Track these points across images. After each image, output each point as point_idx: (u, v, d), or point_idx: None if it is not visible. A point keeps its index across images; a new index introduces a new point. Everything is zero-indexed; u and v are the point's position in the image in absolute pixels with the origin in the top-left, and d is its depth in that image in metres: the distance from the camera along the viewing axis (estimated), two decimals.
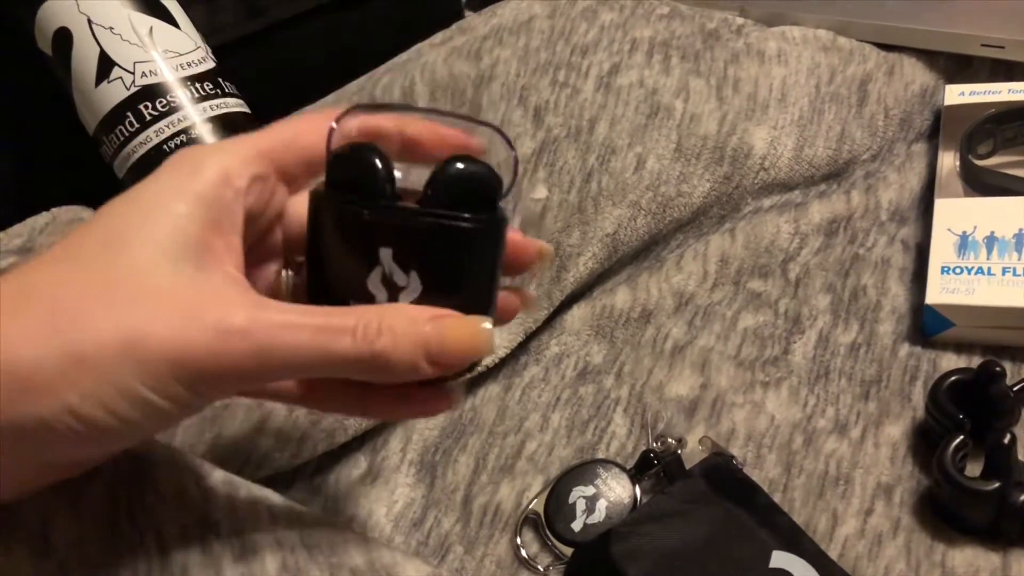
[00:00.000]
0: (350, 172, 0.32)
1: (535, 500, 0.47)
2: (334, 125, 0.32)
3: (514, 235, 0.34)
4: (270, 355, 0.29)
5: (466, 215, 0.31)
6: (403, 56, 0.68)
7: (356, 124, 0.33)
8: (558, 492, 0.47)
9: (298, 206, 0.34)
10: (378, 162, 0.31)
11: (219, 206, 0.31)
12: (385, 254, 0.31)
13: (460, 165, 0.32)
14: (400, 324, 0.30)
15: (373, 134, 0.33)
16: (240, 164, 0.32)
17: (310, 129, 0.33)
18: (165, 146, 0.52)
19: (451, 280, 0.32)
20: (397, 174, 0.32)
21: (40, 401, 0.27)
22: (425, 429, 0.51)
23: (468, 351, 0.31)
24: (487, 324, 0.31)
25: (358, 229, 0.31)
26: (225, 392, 0.31)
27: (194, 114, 0.53)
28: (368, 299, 0.32)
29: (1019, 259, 0.50)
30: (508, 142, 0.33)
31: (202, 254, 0.30)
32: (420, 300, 0.32)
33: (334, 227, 0.32)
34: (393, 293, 0.32)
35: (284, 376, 0.31)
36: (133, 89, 0.52)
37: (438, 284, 0.32)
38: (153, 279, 0.29)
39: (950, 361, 0.50)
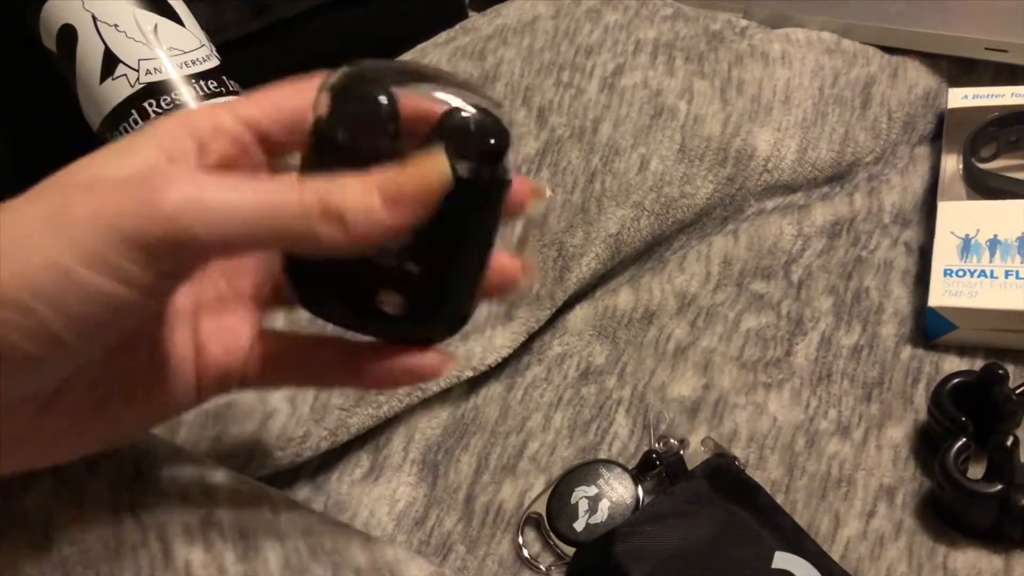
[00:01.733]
0: (353, 108, 0.31)
1: (537, 500, 0.47)
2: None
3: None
4: (204, 211, 0.26)
5: (473, 164, 0.30)
6: (406, 55, 0.68)
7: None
8: (560, 492, 0.47)
9: None
10: (384, 101, 0.30)
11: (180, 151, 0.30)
12: None
13: (468, 114, 0.31)
14: (348, 179, 0.28)
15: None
16: (211, 130, 0.31)
17: (295, 94, 0.32)
18: None
19: (450, 231, 0.31)
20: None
21: None
22: (427, 428, 0.51)
23: (426, 181, 0.29)
24: (441, 155, 0.29)
25: (360, 165, 0.29)
26: (164, 263, 0.27)
27: None
28: None
29: (1022, 262, 0.50)
30: (502, 111, 0.32)
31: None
32: (415, 251, 0.31)
33: (330, 162, 0.30)
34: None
35: (227, 241, 0.27)
36: (137, 86, 0.52)
37: (436, 234, 0.30)
38: (88, 172, 0.29)
39: (952, 364, 0.50)
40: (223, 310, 0.35)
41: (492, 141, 0.31)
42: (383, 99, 0.31)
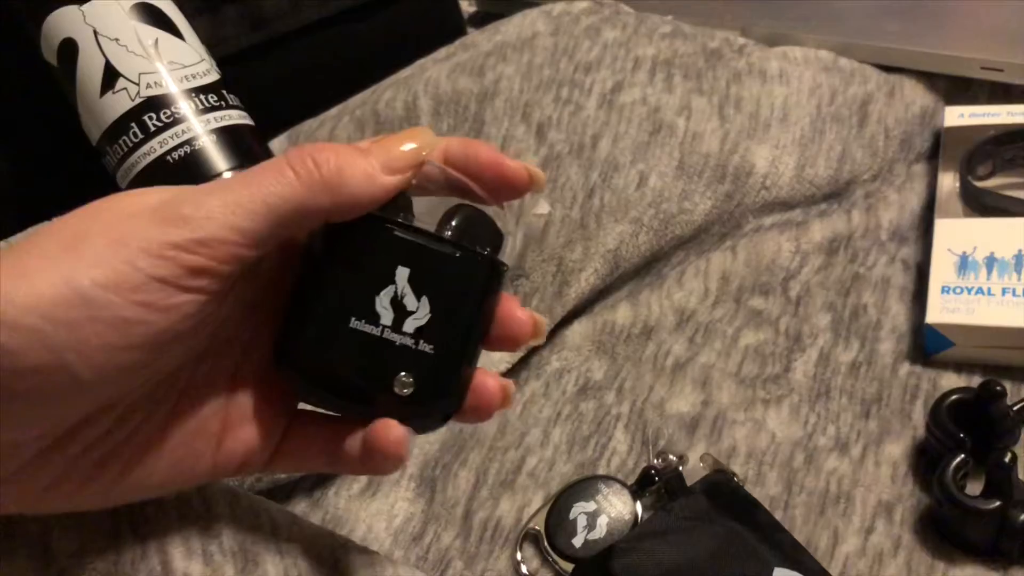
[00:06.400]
0: None
1: (536, 515, 0.47)
2: None
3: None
4: (212, 211, 0.28)
5: (485, 250, 0.32)
6: (406, 71, 0.68)
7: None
8: (559, 508, 0.47)
9: None
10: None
11: None
12: (402, 274, 0.31)
13: (471, 208, 0.33)
14: (334, 149, 0.30)
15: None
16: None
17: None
18: (169, 157, 0.52)
19: (459, 311, 0.32)
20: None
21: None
22: (425, 443, 0.51)
23: (413, 146, 0.31)
24: (424, 127, 0.32)
25: (383, 244, 0.31)
26: (181, 271, 0.27)
27: (198, 126, 0.53)
28: (373, 319, 0.31)
29: (1019, 280, 0.50)
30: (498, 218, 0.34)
31: None
32: (424, 330, 0.31)
33: (352, 242, 0.31)
34: (400, 316, 0.31)
35: (241, 232, 0.28)
36: (138, 100, 0.52)
37: (446, 314, 0.32)
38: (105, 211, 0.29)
39: (950, 380, 0.50)
40: (265, 389, 0.33)
41: (493, 231, 0.33)
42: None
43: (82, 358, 0.26)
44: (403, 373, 0.31)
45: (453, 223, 0.32)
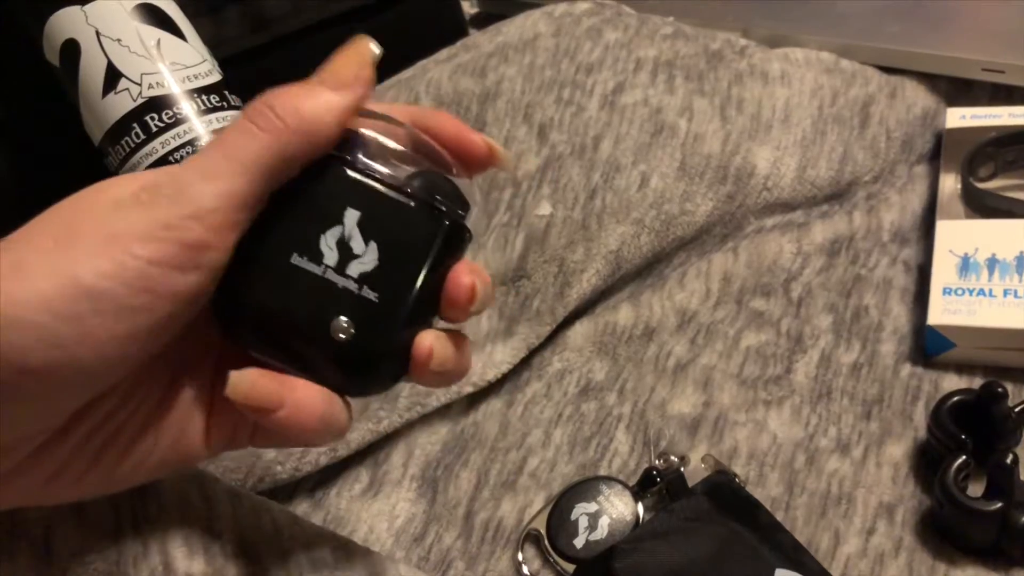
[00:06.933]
0: (345, 132, 0.31)
1: (537, 516, 0.47)
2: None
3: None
4: (201, 183, 0.28)
5: (447, 206, 0.31)
6: (407, 72, 0.68)
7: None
8: (560, 508, 0.47)
9: None
10: (367, 134, 0.31)
11: None
12: (351, 215, 0.30)
13: (438, 175, 0.32)
14: (286, 91, 0.30)
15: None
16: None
17: None
18: (171, 157, 0.52)
19: (408, 264, 0.31)
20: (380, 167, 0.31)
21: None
22: (427, 444, 0.51)
23: (357, 59, 0.32)
24: (365, 39, 0.32)
25: (333, 182, 0.30)
26: (178, 248, 0.27)
27: (200, 126, 0.53)
28: (316, 257, 0.30)
29: (1020, 281, 0.50)
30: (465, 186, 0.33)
31: None
32: (370, 276, 0.30)
33: (303, 179, 0.30)
34: (344, 257, 0.30)
35: (231, 195, 0.28)
36: (140, 100, 0.52)
37: (395, 264, 0.30)
38: (97, 201, 0.28)
39: (951, 382, 0.50)
40: (251, 360, 0.33)
41: (459, 198, 0.32)
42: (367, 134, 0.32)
43: (90, 351, 0.26)
44: (342, 317, 0.30)
45: (416, 181, 0.31)
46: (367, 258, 0.30)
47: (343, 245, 0.30)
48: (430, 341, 0.31)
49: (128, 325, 0.27)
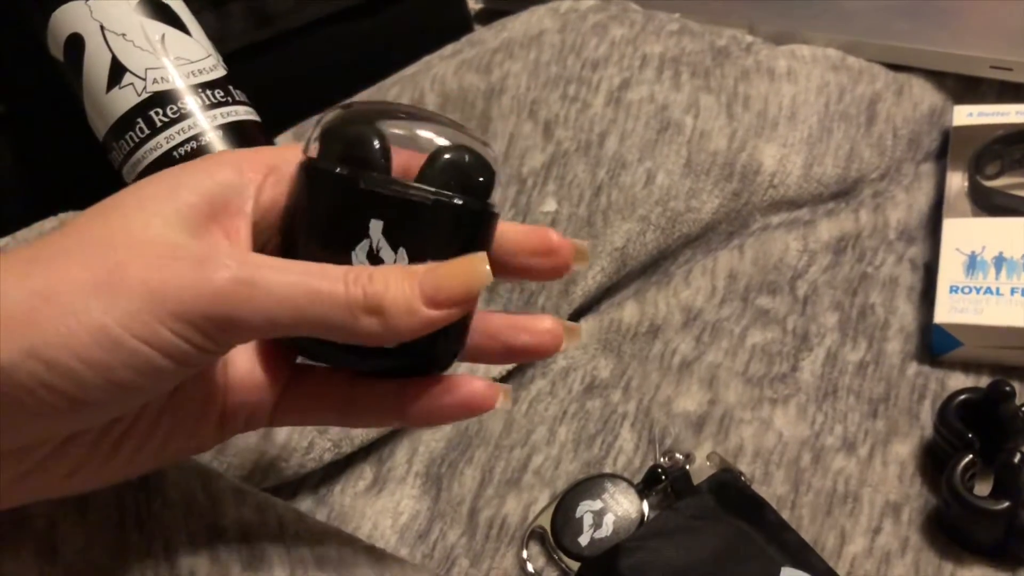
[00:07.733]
0: (346, 145, 0.31)
1: (542, 514, 0.47)
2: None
3: (541, 231, 0.33)
4: (254, 293, 0.27)
5: (463, 196, 0.31)
6: (412, 68, 0.68)
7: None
8: (565, 506, 0.46)
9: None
10: (375, 137, 0.31)
11: (226, 188, 0.30)
12: (375, 226, 0.30)
13: (456, 151, 0.31)
14: (392, 271, 0.29)
15: None
16: (254, 157, 0.32)
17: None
18: (175, 153, 0.52)
19: (438, 258, 0.30)
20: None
21: (1, 343, 0.25)
22: (431, 441, 0.51)
23: (465, 281, 0.29)
24: (483, 255, 0.30)
25: (351, 198, 0.30)
26: (208, 341, 0.27)
27: (204, 121, 0.52)
28: None
29: None
30: (488, 151, 0.33)
31: (200, 226, 0.29)
32: None
33: (323, 196, 0.31)
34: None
35: (273, 324, 0.28)
36: (144, 95, 0.52)
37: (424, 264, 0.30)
38: (139, 232, 0.28)
39: (958, 380, 0.50)
40: (258, 345, 0.33)
41: (480, 177, 0.32)
42: (374, 137, 0.31)
43: (112, 396, 0.27)
44: None
45: (428, 171, 0.31)
46: (399, 263, 0.31)
47: (374, 257, 0.30)
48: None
49: (153, 379, 0.27)
